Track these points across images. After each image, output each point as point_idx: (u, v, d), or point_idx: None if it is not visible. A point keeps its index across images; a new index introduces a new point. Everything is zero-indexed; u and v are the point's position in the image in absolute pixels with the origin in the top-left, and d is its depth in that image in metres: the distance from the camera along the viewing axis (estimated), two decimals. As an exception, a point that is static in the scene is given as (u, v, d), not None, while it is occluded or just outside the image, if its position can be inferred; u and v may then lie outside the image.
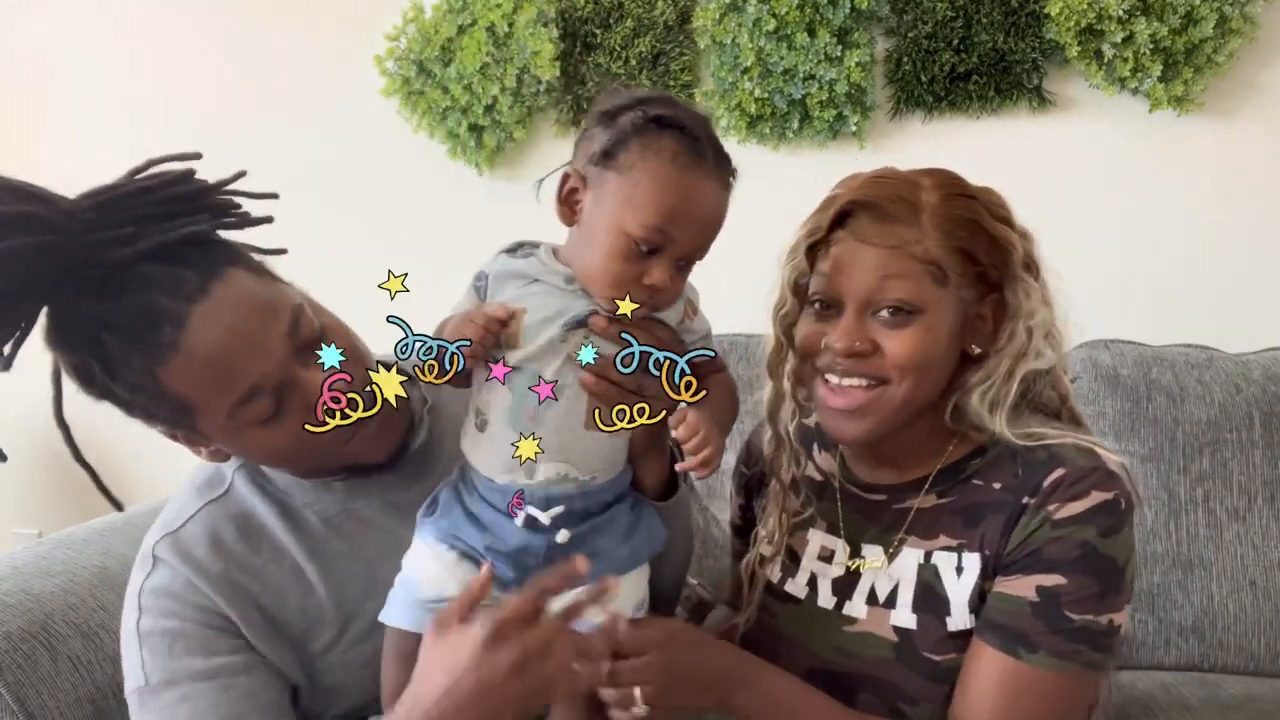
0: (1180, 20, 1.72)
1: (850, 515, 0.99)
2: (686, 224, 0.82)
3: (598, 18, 1.99)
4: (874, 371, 0.88)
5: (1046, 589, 0.84)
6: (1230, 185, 1.86)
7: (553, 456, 0.83)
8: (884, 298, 0.87)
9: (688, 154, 0.82)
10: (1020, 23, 1.81)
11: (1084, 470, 0.85)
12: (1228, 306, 1.89)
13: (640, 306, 0.81)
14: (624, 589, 0.87)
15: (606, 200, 0.82)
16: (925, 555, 0.92)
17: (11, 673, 1.11)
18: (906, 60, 1.87)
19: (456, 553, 0.87)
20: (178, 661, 0.89)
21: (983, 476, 0.92)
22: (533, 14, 1.94)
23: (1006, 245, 0.89)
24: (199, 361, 0.81)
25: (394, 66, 2.06)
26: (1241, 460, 1.51)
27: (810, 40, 1.85)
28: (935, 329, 0.87)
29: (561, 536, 0.85)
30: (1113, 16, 1.72)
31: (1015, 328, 0.89)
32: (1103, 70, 1.79)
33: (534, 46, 1.95)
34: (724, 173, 0.86)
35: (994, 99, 1.87)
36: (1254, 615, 1.49)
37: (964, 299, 0.88)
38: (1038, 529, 0.85)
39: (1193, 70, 1.76)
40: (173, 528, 0.96)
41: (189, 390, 0.82)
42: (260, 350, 0.84)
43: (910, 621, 0.91)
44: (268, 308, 0.86)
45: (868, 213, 0.88)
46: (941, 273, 0.86)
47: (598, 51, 2.00)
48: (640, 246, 0.81)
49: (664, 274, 0.82)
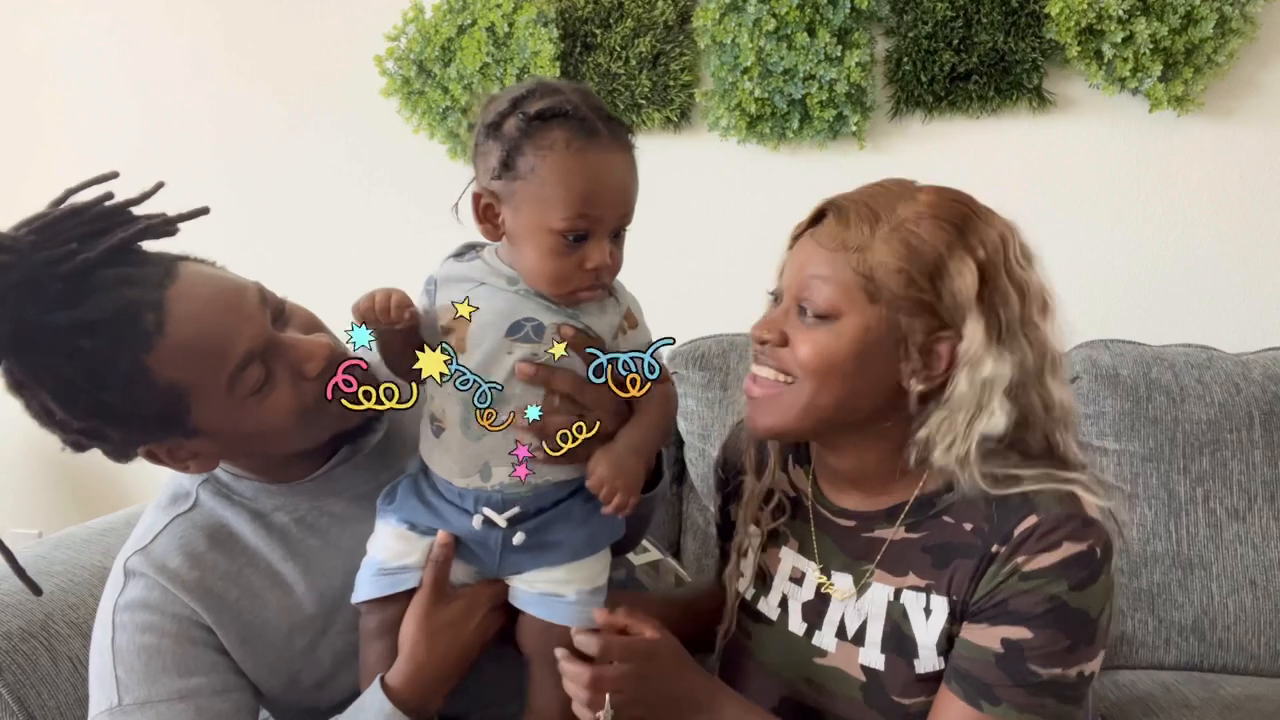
0: (1180, 20, 1.72)
1: (822, 538, 0.98)
2: (603, 200, 0.84)
3: (598, 18, 1.98)
4: (781, 365, 0.88)
5: (1011, 642, 0.82)
6: (1230, 185, 1.86)
7: (508, 461, 0.87)
8: (806, 298, 0.86)
9: (579, 136, 0.83)
10: (1020, 23, 1.81)
11: (1058, 520, 0.82)
12: (1228, 306, 1.89)
13: (596, 290, 0.87)
14: (582, 572, 0.92)
15: (523, 208, 0.85)
16: (895, 593, 0.90)
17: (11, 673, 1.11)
18: (906, 60, 1.87)
19: (416, 531, 0.92)
20: (154, 682, 0.89)
21: (954, 514, 0.88)
22: (533, 14, 1.94)
23: (960, 286, 0.82)
24: (187, 339, 0.81)
25: (394, 66, 2.06)
26: (1241, 460, 1.51)
27: (810, 40, 1.85)
28: (848, 339, 0.84)
29: (518, 539, 0.90)
30: (1113, 16, 1.72)
31: (959, 376, 0.83)
32: (1103, 70, 1.79)
33: (534, 46, 1.95)
34: (620, 137, 0.86)
35: (994, 99, 1.86)
36: (1254, 615, 1.49)
37: (904, 325, 0.84)
38: (1006, 580, 0.82)
39: (1193, 70, 1.76)
40: (143, 543, 0.96)
41: (182, 373, 0.82)
42: (243, 316, 0.85)
43: (878, 662, 0.89)
44: (234, 283, 0.88)
45: (834, 214, 0.87)
46: (875, 287, 0.83)
47: (598, 51, 2.00)
48: (568, 237, 0.84)
49: (601, 253, 0.85)
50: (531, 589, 0.92)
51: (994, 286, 0.83)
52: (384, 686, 0.88)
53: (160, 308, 0.80)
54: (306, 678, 0.98)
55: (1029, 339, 0.84)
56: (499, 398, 0.82)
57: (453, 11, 2.00)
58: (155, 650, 0.90)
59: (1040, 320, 0.85)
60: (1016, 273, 0.84)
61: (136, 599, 0.92)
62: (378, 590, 0.92)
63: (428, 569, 0.90)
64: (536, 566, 0.92)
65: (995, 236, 0.84)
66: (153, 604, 0.92)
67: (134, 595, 0.93)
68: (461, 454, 0.89)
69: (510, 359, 0.86)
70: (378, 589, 0.92)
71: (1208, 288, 1.90)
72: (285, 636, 0.96)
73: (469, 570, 0.93)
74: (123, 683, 0.89)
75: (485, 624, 0.93)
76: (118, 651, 0.90)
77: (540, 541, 0.91)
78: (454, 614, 0.91)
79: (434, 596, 0.90)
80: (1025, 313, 0.84)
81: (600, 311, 0.90)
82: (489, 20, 1.96)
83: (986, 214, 0.87)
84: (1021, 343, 0.83)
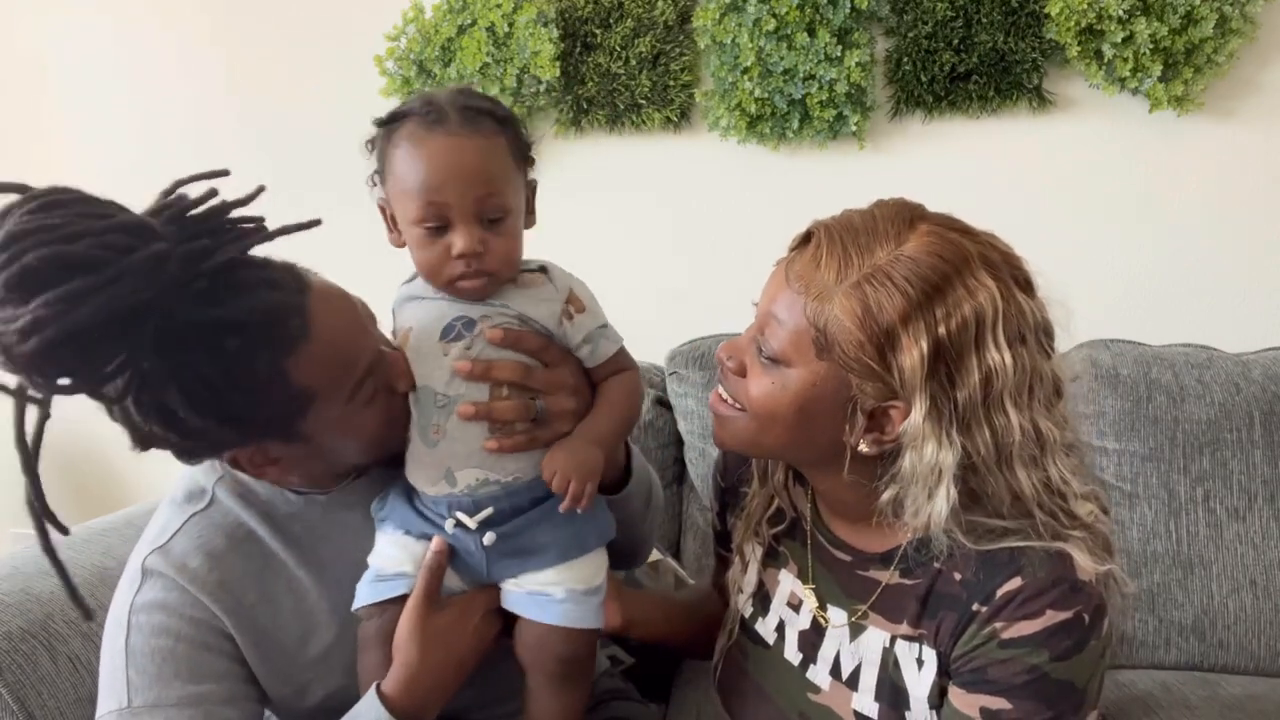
0: (1180, 20, 1.72)
1: (819, 567, 0.96)
2: (448, 184, 0.84)
3: (598, 18, 1.99)
4: (734, 393, 0.87)
5: (991, 711, 0.79)
6: (1230, 185, 1.86)
7: (468, 463, 0.88)
8: (764, 336, 0.83)
9: (421, 127, 0.85)
10: (1020, 23, 1.81)
11: (1042, 585, 0.76)
12: (1228, 306, 1.89)
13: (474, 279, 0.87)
14: (572, 573, 0.91)
15: (395, 207, 0.88)
16: (890, 639, 0.87)
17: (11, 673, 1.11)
18: (906, 60, 1.87)
19: (412, 536, 0.92)
20: (165, 686, 0.88)
21: (948, 562, 0.83)
22: (533, 14, 1.94)
23: (907, 363, 0.74)
24: (327, 346, 0.82)
25: (394, 66, 2.06)
26: (1241, 460, 1.51)
27: (810, 40, 1.85)
28: (791, 392, 0.81)
29: (488, 539, 0.90)
30: (1113, 16, 1.72)
31: (906, 452, 0.77)
32: (1103, 70, 1.79)
33: (534, 46, 1.95)
34: (474, 125, 0.86)
35: (994, 99, 1.86)
36: (1254, 615, 1.49)
37: (855, 385, 0.78)
38: (983, 644, 0.79)
39: (1193, 70, 1.76)
40: (160, 542, 0.95)
41: (315, 379, 0.82)
42: (365, 330, 0.88)
43: (872, 710, 0.87)
44: (350, 297, 0.90)
45: (815, 244, 0.81)
46: (826, 343, 0.77)
47: (598, 51, 2.00)
48: (428, 225, 0.85)
49: (467, 238, 0.85)
50: (520, 589, 0.92)
51: (955, 366, 0.75)
52: (380, 694, 0.88)
53: (305, 313, 0.81)
54: (318, 688, 0.98)
55: (991, 425, 0.76)
56: (447, 404, 0.86)
57: (453, 11, 2.00)
58: (169, 654, 0.90)
59: (1020, 401, 0.76)
60: (989, 354, 0.74)
61: (154, 600, 0.92)
62: (372, 596, 0.92)
63: (421, 575, 0.90)
64: (526, 570, 0.91)
65: (972, 309, 0.74)
66: (170, 606, 0.91)
67: (151, 596, 0.92)
68: (426, 462, 0.90)
69: (448, 360, 0.87)
70: (372, 595, 0.92)
71: (1208, 288, 1.90)
72: (299, 641, 0.96)
73: (463, 579, 0.93)
74: (133, 684, 0.89)
75: (480, 630, 0.92)
76: (131, 652, 0.90)
77: (527, 544, 0.90)
78: (447, 620, 0.91)
79: (426, 602, 0.89)
80: (993, 396, 0.75)
81: (536, 298, 0.90)
82: (489, 20, 1.96)
83: (978, 275, 0.76)
84: (979, 430, 0.76)
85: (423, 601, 0.89)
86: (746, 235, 1.64)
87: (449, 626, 0.90)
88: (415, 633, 0.89)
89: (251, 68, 2.25)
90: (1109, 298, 1.91)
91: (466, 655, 0.91)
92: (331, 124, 2.21)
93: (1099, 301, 1.90)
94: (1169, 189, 1.88)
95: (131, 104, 2.31)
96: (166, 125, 2.30)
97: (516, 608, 0.92)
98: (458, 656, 0.90)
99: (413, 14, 2.02)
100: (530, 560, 0.91)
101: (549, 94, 2.03)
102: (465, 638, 0.91)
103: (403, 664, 0.89)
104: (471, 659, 0.92)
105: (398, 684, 0.88)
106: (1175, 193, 1.88)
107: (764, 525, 1.00)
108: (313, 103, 2.21)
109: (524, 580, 0.92)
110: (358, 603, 0.92)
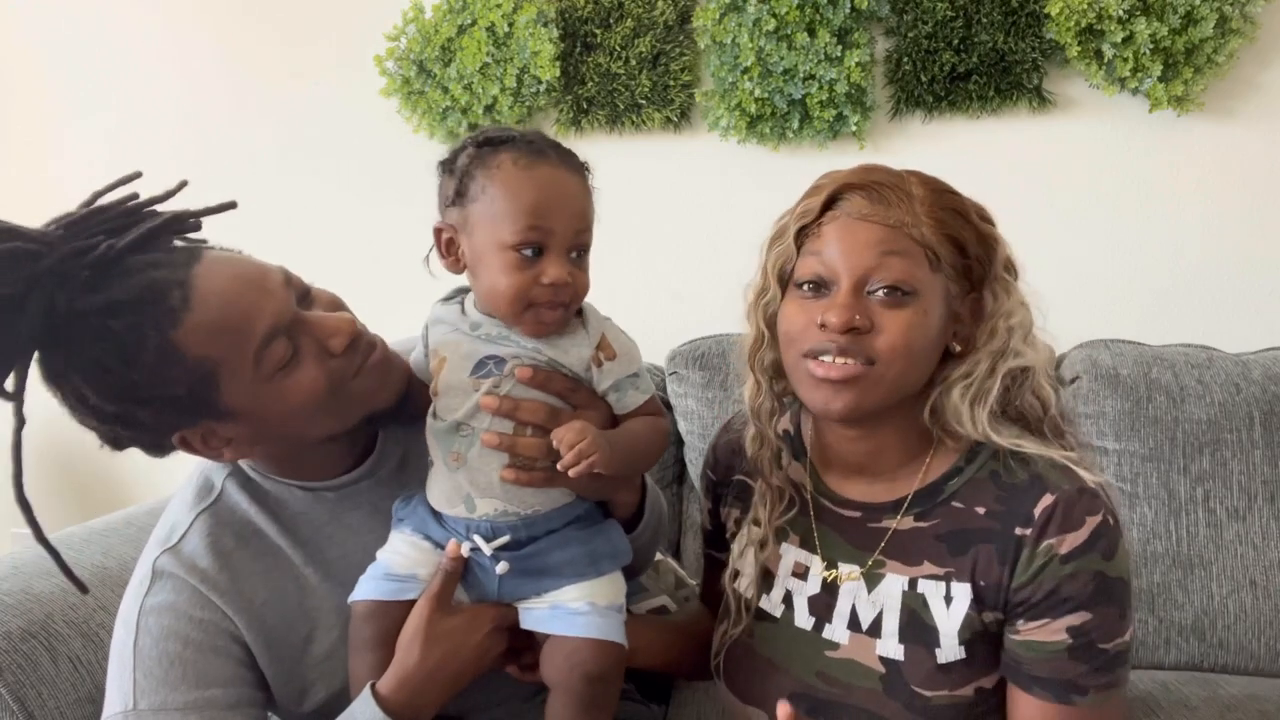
0: (1180, 20, 1.72)
1: (824, 530, 0.97)
2: (554, 212, 0.85)
3: (598, 18, 1.99)
4: (866, 352, 0.85)
5: (1076, 628, 0.84)
6: (1230, 185, 1.86)
7: (487, 494, 0.89)
8: (883, 275, 0.84)
9: (526, 155, 0.86)
10: (1020, 23, 1.81)
11: (1071, 496, 0.84)
12: (1228, 306, 1.90)
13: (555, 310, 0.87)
14: (590, 591, 0.90)
15: (477, 230, 0.87)
16: (910, 582, 0.89)
17: (11, 673, 1.11)
18: (906, 60, 1.87)
19: (430, 542, 0.92)
20: (171, 689, 0.88)
21: (962, 499, 0.89)
22: (533, 14, 1.94)
23: (991, 241, 0.89)
24: (213, 313, 0.81)
25: (394, 66, 2.06)
26: (1241, 460, 1.51)
27: (810, 40, 1.85)
28: (929, 314, 0.86)
29: (501, 568, 0.90)
30: (1113, 16, 1.72)
31: (996, 325, 0.88)
32: (1103, 70, 1.79)
33: (534, 46, 1.95)
34: (570, 163, 0.89)
35: (994, 99, 1.87)
36: (1254, 615, 1.49)
37: (951, 291, 0.88)
38: (1045, 565, 0.84)
39: (1193, 70, 1.76)
40: (171, 542, 0.95)
41: (209, 349, 0.82)
42: (266, 292, 0.86)
43: (897, 652, 0.89)
44: (258, 263, 0.89)
45: (863, 193, 0.87)
46: (936, 258, 0.85)
47: (598, 51, 2.00)
48: (524, 251, 0.85)
49: (558, 268, 0.85)
50: (542, 605, 0.91)
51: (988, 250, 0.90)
52: (374, 694, 0.87)
53: (186, 285, 0.81)
54: (320, 689, 0.97)
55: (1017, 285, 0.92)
56: (471, 434, 0.87)
57: (453, 11, 2.00)
58: (177, 658, 0.90)
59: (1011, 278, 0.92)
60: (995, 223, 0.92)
61: (163, 603, 0.92)
62: (380, 593, 0.91)
63: (437, 575, 0.90)
64: (537, 592, 0.91)
65: (969, 198, 0.91)
66: (180, 608, 0.92)
67: (161, 599, 0.92)
68: (447, 486, 0.90)
69: (477, 396, 0.87)
70: (380, 591, 0.91)
71: (1208, 288, 1.90)
72: (304, 640, 0.96)
73: (470, 594, 0.93)
74: (140, 686, 0.89)
75: (486, 644, 0.92)
76: (139, 654, 0.90)
77: (538, 566, 0.90)
78: (455, 625, 0.90)
79: (438, 603, 0.89)
80: (1010, 257, 0.92)
81: (569, 344, 0.90)
82: (489, 20, 1.96)
83: None
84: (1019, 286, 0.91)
85: (435, 601, 0.89)
86: (746, 235, 1.62)
87: (455, 631, 0.90)
88: (421, 632, 0.88)
89: (252, 67, 2.25)
90: (1109, 297, 1.91)
91: (466, 665, 0.91)
92: (332, 124, 2.22)
93: (1099, 301, 1.90)
94: (1169, 189, 1.88)
95: (130, 105, 2.31)
96: (166, 126, 2.30)
97: (540, 625, 0.91)
98: (457, 664, 0.90)
99: (413, 14, 2.02)
100: (542, 581, 0.90)
101: (549, 94, 2.03)
102: (469, 647, 0.90)
103: (401, 662, 0.88)
104: (470, 671, 0.91)
105: (394, 682, 0.88)
106: (1175, 193, 1.88)
107: (775, 513, 0.99)
108: (313, 102, 2.21)
109: (545, 597, 0.91)
110: (360, 595, 0.91)
